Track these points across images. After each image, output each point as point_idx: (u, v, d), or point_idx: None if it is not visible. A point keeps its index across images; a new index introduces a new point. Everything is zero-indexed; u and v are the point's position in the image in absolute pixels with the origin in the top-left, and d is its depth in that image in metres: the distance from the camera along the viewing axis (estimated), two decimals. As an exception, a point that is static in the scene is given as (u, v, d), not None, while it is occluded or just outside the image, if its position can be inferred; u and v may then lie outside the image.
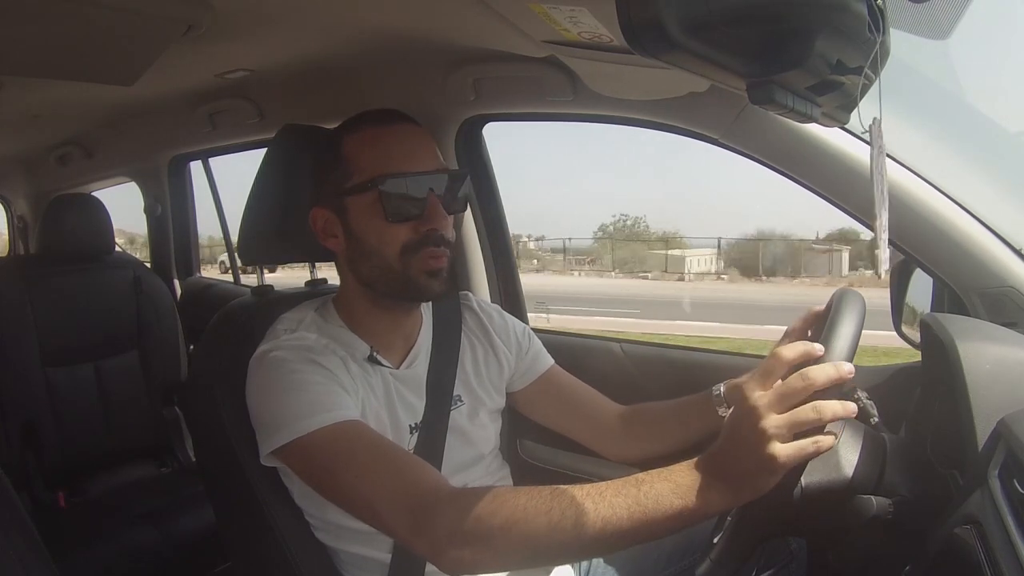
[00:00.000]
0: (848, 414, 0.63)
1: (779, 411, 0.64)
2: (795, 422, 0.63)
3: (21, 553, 0.71)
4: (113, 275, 1.97)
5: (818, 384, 0.63)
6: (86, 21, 1.02)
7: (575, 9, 0.80)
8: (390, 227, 0.90)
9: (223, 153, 2.15)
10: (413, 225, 0.90)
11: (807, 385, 0.63)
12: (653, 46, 0.46)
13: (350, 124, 0.95)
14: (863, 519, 0.71)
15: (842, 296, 0.75)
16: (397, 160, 0.90)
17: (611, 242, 20.38)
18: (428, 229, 0.90)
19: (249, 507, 0.91)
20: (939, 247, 1.02)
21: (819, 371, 0.64)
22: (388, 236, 0.90)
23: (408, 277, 0.91)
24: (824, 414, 0.63)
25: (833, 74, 0.59)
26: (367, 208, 0.90)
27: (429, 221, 0.90)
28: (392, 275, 0.92)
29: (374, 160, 0.90)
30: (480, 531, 0.71)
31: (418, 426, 0.96)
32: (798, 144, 1.06)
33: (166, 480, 1.94)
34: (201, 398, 0.97)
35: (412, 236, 0.90)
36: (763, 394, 0.66)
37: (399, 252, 0.91)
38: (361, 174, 0.90)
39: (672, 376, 1.32)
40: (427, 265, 0.91)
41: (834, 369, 0.64)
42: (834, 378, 0.64)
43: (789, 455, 0.63)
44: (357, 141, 0.92)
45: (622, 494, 0.68)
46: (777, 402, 0.64)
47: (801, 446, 0.63)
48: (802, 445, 0.63)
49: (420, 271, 0.91)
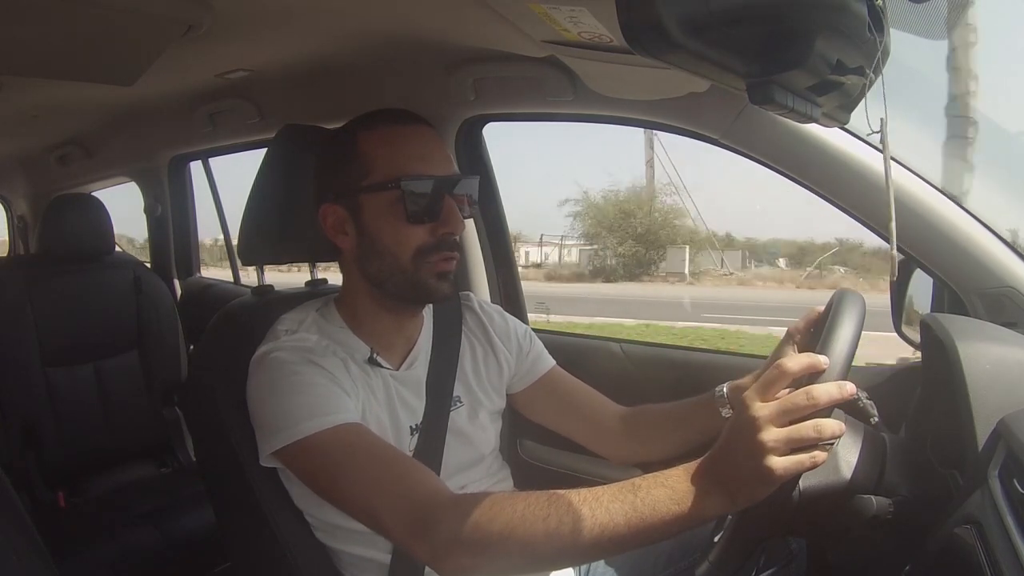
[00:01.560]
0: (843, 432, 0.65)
1: (779, 425, 0.64)
2: (795, 439, 0.63)
3: (21, 553, 0.71)
4: (113, 275, 1.97)
5: (821, 404, 0.64)
6: (86, 21, 1.02)
7: (575, 9, 0.81)
8: (407, 228, 0.90)
9: (223, 153, 2.15)
10: (430, 227, 0.90)
11: (810, 404, 0.64)
12: (653, 46, 0.46)
13: (365, 121, 0.94)
14: (863, 519, 0.71)
15: (841, 297, 0.75)
16: (416, 161, 0.90)
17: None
18: (444, 232, 0.90)
19: (249, 507, 0.91)
20: (939, 247, 1.02)
21: (823, 392, 0.64)
22: (403, 236, 0.90)
23: (418, 279, 0.91)
24: (824, 434, 0.63)
25: (833, 74, 0.59)
26: (385, 207, 0.90)
27: (446, 224, 0.90)
28: (402, 276, 0.92)
29: (393, 160, 0.90)
30: (479, 538, 0.71)
31: (418, 427, 0.96)
32: (798, 144, 1.06)
33: (166, 480, 1.94)
34: (201, 398, 0.97)
35: (427, 238, 0.90)
36: (763, 405, 0.66)
37: (412, 254, 0.90)
38: (379, 173, 0.90)
39: (672, 376, 1.32)
40: (438, 268, 0.92)
41: (837, 389, 0.64)
42: (836, 399, 0.64)
43: (786, 469, 0.63)
44: (374, 139, 0.92)
45: (619, 500, 0.68)
46: (778, 416, 0.64)
47: (798, 460, 0.63)
48: (799, 460, 0.63)
49: (431, 273, 0.91)
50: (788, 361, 0.67)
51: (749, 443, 0.64)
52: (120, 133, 2.11)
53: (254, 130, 1.77)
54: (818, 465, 0.64)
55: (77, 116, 1.97)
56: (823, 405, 0.64)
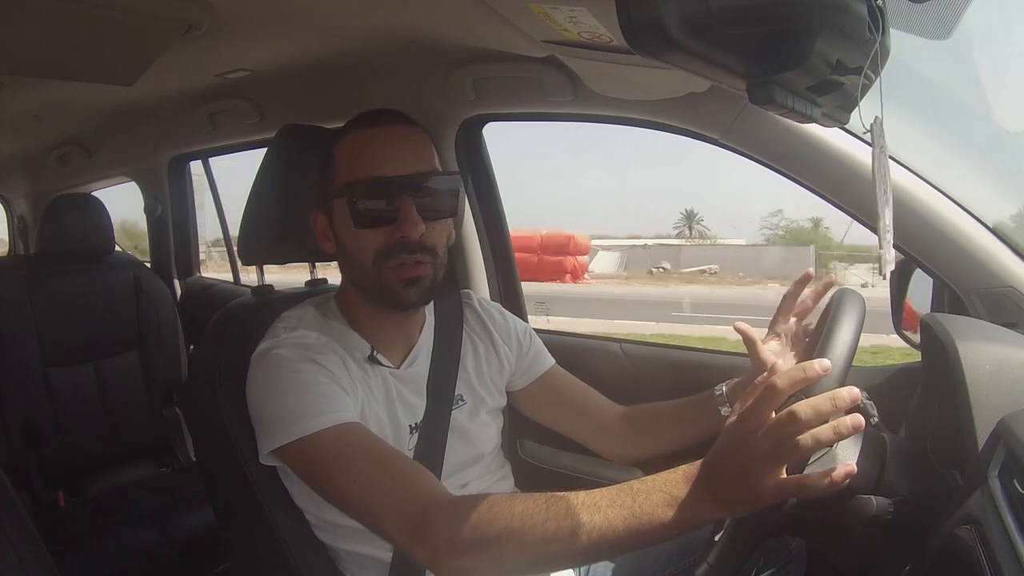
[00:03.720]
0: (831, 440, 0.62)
1: (771, 444, 0.62)
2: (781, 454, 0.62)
3: (21, 553, 0.71)
4: (113, 275, 1.98)
5: (814, 424, 0.61)
6: (86, 21, 1.02)
7: (575, 9, 0.81)
8: (361, 233, 0.89)
9: (223, 153, 2.14)
10: (385, 231, 0.89)
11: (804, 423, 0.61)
12: (653, 46, 0.46)
13: (346, 126, 0.95)
14: (863, 519, 0.71)
15: (841, 297, 0.75)
16: (369, 164, 0.89)
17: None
18: (400, 236, 0.88)
19: (249, 507, 0.92)
20: (939, 247, 1.02)
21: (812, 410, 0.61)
22: (361, 242, 0.90)
23: (382, 284, 0.91)
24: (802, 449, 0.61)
25: (833, 74, 0.59)
26: (343, 213, 0.90)
27: (400, 228, 0.88)
28: (369, 282, 0.92)
29: (352, 164, 0.90)
30: (477, 540, 0.72)
31: (418, 426, 0.96)
32: (798, 144, 1.06)
33: (166, 480, 1.94)
34: (201, 398, 0.97)
35: (385, 242, 0.89)
36: (757, 424, 0.63)
37: (372, 259, 0.90)
38: (340, 178, 0.90)
39: (672, 376, 1.32)
40: (401, 274, 0.90)
41: (828, 402, 0.61)
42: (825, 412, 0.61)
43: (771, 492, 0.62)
44: (344, 145, 0.92)
45: (617, 504, 0.68)
46: (768, 437, 0.62)
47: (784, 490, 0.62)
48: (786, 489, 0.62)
49: (395, 279, 0.90)
50: (778, 379, 0.64)
51: (742, 460, 0.63)
52: (120, 133, 2.11)
53: (254, 130, 1.77)
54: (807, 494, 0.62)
55: (77, 116, 1.97)
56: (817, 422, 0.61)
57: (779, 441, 0.62)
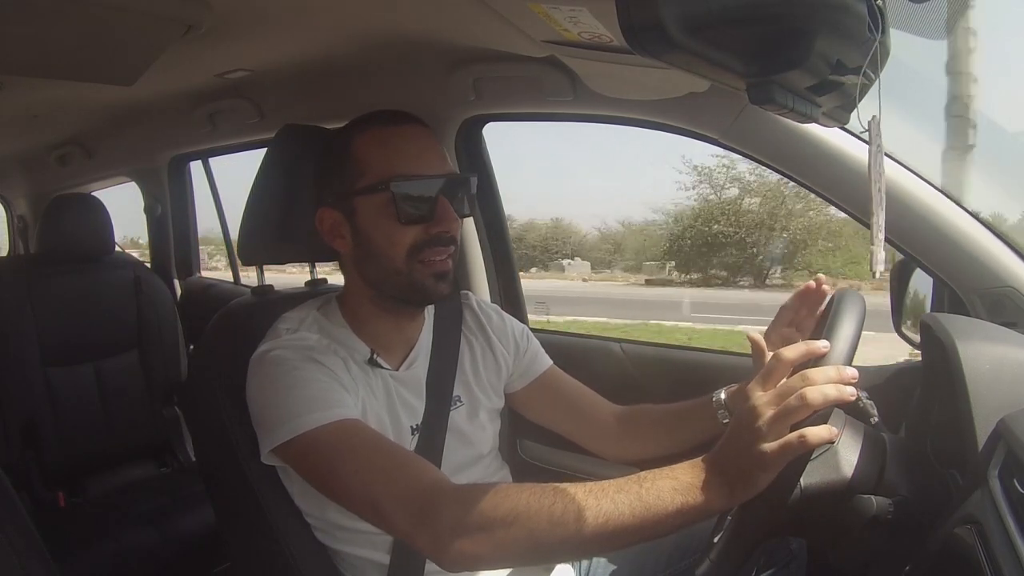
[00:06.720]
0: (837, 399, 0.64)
1: (780, 403, 0.65)
2: (781, 413, 0.64)
3: (21, 553, 0.71)
4: (113, 275, 1.97)
5: (818, 383, 0.64)
6: (86, 21, 1.02)
7: (575, 9, 0.81)
8: (400, 228, 0.90)
9: (223, 153, 2.15)
10: (424, 227, 0.90)
11: (805, 384, 0.65)
12: (653, 46, 0.46)
13: (359, 124, 0.94)
14: (863, 519, 0.71)
15: (842, 297, 0.75)
16: (408, 161, 0.90)
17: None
18: (438, 231, 0.90)
19: (249, 507, 0.91)
20: (939, 247, 1.02)
21: (819, 373, 0.65)
22: (397, 237, 0.90)
23: (413, 279, 0.91)
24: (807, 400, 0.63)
25: (833, 74, 0.59)
26: (377, 209, 0.90)
27: (439, 223, 0.90)
28: (398, 278, 0.92)
29: (385, 161, 0.90)
30: (482, 524, 0.71)
31: (419, 427, 0.96)
32: (798, 144, 1.06)
33: (166, 480, 1.94)
34: (201, 398, 0.97)
35: (420, 238, 0.90)
36: (763, 394, 0.67)
37: (406, 254, 0.90)
38: (372, 175, 0.90)
39: (672, 376, 1.32)
40: (434, 268, 0.91)
41: (835, 370, 0.65)
42: (833, 379, 0.65)
43: (774, 449, 0.64)
44: (367, 141, 0.92)
45: (624, 491, 0.69)
46: (774, 401, 0.66)
47: (787, 441, 0.64)
48: (788, 440, 0.64)
49: (427, 274, 0.91)
50: (786, 350, 0.69)
51: (748, 431, 0.66)
52: (120, 133, 2.11)
53: (254, 130, 1.77)
54: (809, 445, 0.63)
55: (77, 116, 1.97)
56: (819, 383, 0.64)
57: (782, 399, 0.65)
